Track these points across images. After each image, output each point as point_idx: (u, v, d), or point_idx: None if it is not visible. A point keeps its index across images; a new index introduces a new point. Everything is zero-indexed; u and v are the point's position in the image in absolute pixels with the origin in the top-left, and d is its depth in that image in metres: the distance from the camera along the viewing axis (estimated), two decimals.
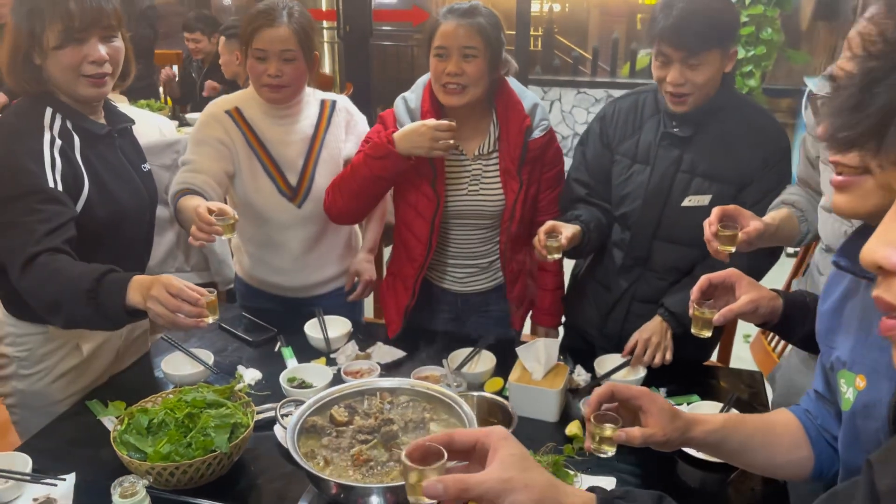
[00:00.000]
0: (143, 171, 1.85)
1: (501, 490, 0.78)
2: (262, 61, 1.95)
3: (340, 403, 1.42)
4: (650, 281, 1.96)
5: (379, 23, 6.28)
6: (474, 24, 1.84)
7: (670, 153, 1.86)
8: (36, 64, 1.61)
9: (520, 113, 1.96)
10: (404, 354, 1.94)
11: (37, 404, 1.79)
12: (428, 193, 1.97)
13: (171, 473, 1.38)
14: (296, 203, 2.08)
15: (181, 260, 3.08)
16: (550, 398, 1.67)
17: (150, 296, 1.44)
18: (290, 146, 2.07)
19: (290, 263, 2.16)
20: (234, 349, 2.02)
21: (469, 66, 1.85)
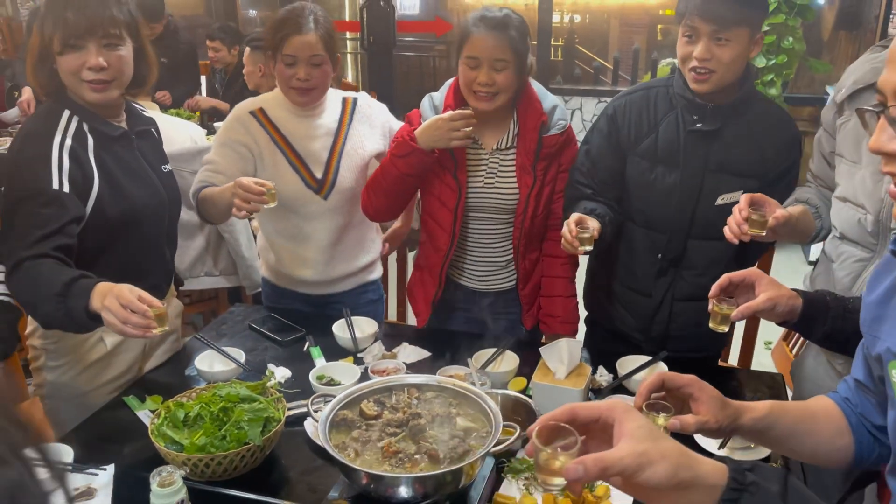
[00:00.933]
0: (164, 171, 1.92)
1: (639, 464, 0.78)
2: (292, 66, 2.03)
3: (370, 398, 1.47)
4: (688, 279, 1.99)
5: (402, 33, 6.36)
6: (505, 37, 1.89)
7: (697, 152, 1.88)
8: (52, 66, 1.70)
9: (537, 111, 2.01)
10: (429, 354, 1.98)
11: (66, 395, 1.86)
12: (451, 184, 2.04)
13: (206, 465, 1.43)
14: (322, 195, 2.15)
15: (210, 264, 3.15)
16: (573, 397, 1.70)
17: (104, 305, 1.47)
18: (314, 140, 2.15)
19: (318, 254, 2.23)
20: (263, 348, 2.07)
21: (499, 77, 1.91)
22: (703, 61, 1.77)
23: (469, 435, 1.38)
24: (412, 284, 2.27)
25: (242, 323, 2.22)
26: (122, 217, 1.75)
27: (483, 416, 1.42)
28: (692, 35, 1.78)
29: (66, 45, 1.65)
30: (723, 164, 1.87)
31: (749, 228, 1.57)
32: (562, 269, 2.11)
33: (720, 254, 1.95)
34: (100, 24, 1.67)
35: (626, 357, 1.89)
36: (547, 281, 2.13)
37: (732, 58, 1.77)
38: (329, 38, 2.04)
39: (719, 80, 1.80)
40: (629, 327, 2.08)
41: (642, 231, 2.00)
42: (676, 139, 1.90)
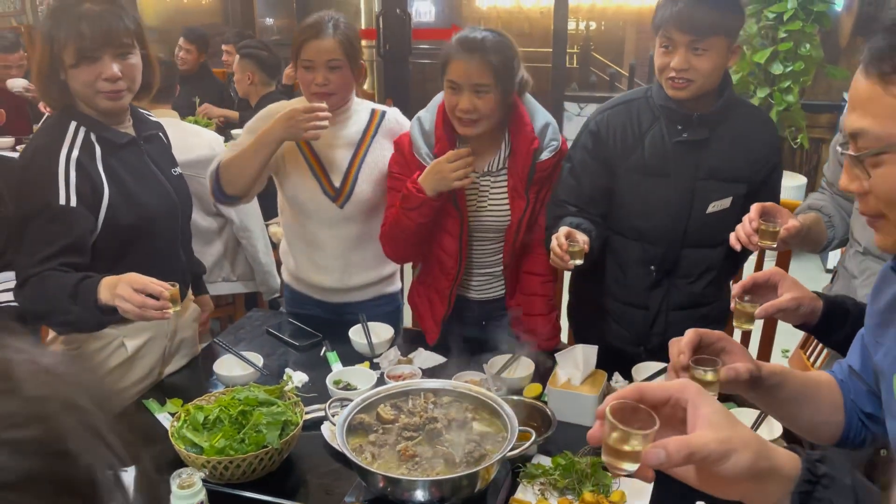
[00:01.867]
0: (174, 175, 1.95)
1: (724, 452, 0.74)
2: (310, 71, 2.05)
3: (386, 402, 1.48)
4: (682, 287, 1.99)
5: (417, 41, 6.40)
6: (484, 62, 1.86)
7: (686, 162, 1.88)
8: (61, 79, 1.72)
9: (528, 134, 1.99)
10: (445, 360, 1.99)
11: None
12: (452, 212, 2.03)
13: (225, 467, 1.45)
14: (338, 203, 2.17)
15: (228, 270, 3.18)
16: (589, 403, 1.71)
17: (117, 294, 1.54)
18: (336, 149, 2.17)
19: (333, 261, 2.24)
20: (281, 353, 2.09)
21: (481, 102, 1.88)
22: (680, 71, 1.78)
23: (485, 439, 1.39)
24: (417, 301, 2.25)
25: (260, 328, 2.25)
26: (136, 223, 1.78)
27: (499, 421, 1.43)
28: (669, 45, 1.79)
29: (82, 57, 1.67)
30: (713, 171, 1.89)
31: (760, 240, 1.57)
32: (541, 287, 2.11)
33: (713, 260, 1.97)
34: (115, 35, 1.70)
35: (642, 363, 1.89)
36: (524, 299, 2.12)
37: (710, 68, 1.78)
38: (349, 43, 2.05)
39: (697, 88, 1.81)
40: (624, 341, 2.07)
41: (635, 244, 1.99)
42: (664, 151, 1.89)
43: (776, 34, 4.78)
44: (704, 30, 1.75)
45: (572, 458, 1.50)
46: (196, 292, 2.17)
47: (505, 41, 1.92)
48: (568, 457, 1.51)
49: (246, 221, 3.05)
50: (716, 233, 1.91)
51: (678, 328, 1.97)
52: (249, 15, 7.38)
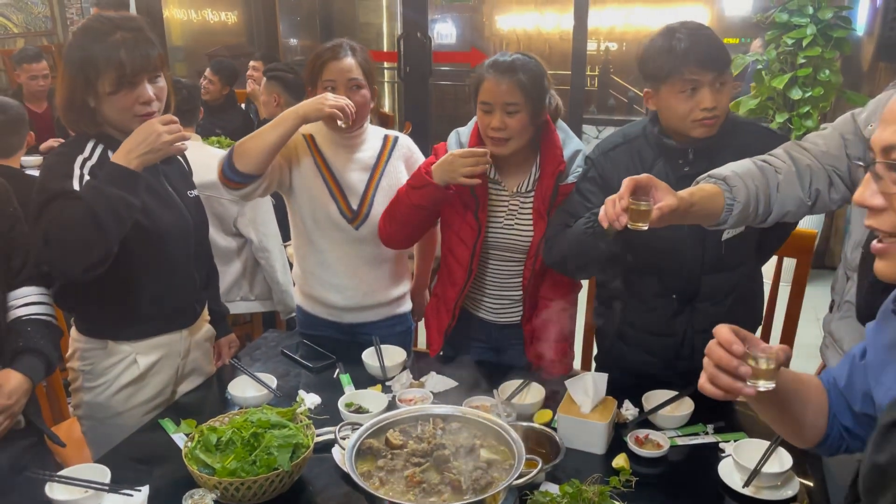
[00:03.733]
0: (190, 197, 1.99)
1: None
2: (332, 90, 2.10)
3: (395, 428, 1.50)
4: (705, 311, 1.99)
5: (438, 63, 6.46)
6: (514, 81, 1.93)
7: None
8: (91, 107, 1.76)
9: (556, 157, 2.05)
10: (456, 384, 2.00)
11: (101, 415, 1.93)
12: (471, 222, 2.08)
13: (236, 489, 1.47)
14: (354, 225, 2.22)
15: (246, 289, 3.23)
16: (598, 430, 1.71)
17: (135, 141, 1.66)
18: (353, 172, 2.22)
19: (345, 280, 2.28)
20: (295, 375, 2.12)
21: (512, 121, 1.95)
22: (712, 110, 1.78)
23: (492, 466, 1.40)
24: (428, 312, 2.32)
25: (275, 349, 2.28)
26: (147, 235, 1.81)
27: (506, 448, 1.44)
28: (693, 86, 1.78)
29: (122, 84, 1.71)
30: None
31: (630, 222, 1.51)
32: (557, 315, 2.13)
33: (735, 282, 1.98)
34: (150, 60, 1.75)
35: (652, 392, 1.89)
36: (541, 324, 2.14)
37: (728, 101, 1.81)
38: (367, 64, 2.13)
39: (719, 123, 1.83)
40: (654, 368, 2.07)
41: (652, 279, 1.99)
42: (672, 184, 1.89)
43: (795, 60, 4.78)
44: (721, 63, 1.77)
45: (580, 486, 1.50)
46: (219, 334, 2.21)
47: (533, 62, 1.99)
48: (576, 485, 1.51)
49: (265, 242, 3.10)
50: (735, 256, 1.93)
51: None
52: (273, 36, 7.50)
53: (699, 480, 1.63)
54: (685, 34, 1.79)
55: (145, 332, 1.91)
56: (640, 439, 1.74)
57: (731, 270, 1.96)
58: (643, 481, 1.60)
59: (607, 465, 1.67)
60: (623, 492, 1.56)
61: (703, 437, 1.78)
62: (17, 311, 1.69)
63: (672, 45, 1.79)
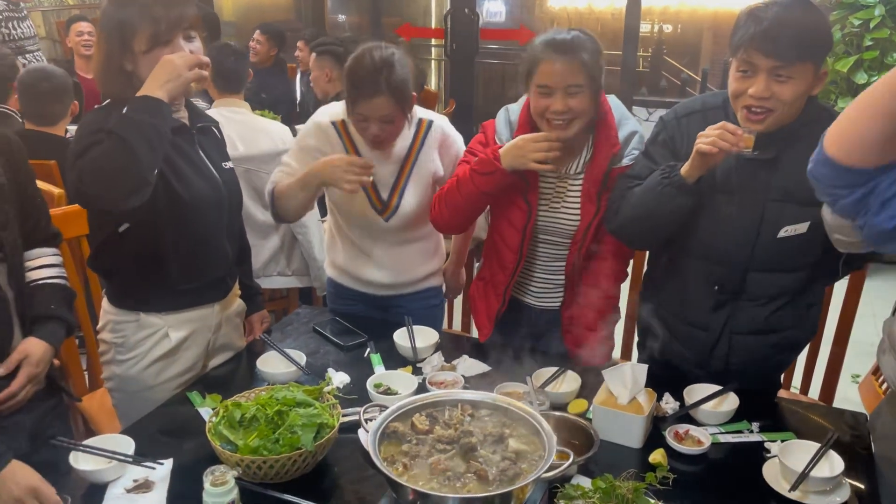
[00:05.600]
0: (224, 168, 1.95)
1: None
2: (364, 122, 2.03)
3: (422, 412, 1.45)
4: (748, 311, 1.86)
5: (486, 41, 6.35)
6: (577, 61, 1.82)
7: (755, 182, 1.75)
8: (128, 71, 1.72)
9: (611, 139, 1.95)
10: (489, 369, 1.95)
11: (132, 389, 1.92)
12: (521, 205, 2.00)
13: (258, 467, 1.44)
14: (384, 217, 2.19)
15: (283, 264, 3.22)
16: (635, 424, 1.63)
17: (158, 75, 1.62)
18: (384, 165, 2.16)
19: (376, 261, 2.28)
20: (325, 352, 2.08)
21: (574, 102, 1.85)
22: (760, 100, 1.64)
23: (521, 457, 1.34)
24: (474, 296, 2.25)
25: (307, 325, 2.25)
26: (181, 202, 1.78)
27: (537, 439, 1.37)
28: (748, 70, 1.65)
29: (156, 42, 1.69)
30: (787, 193, 1.73)
31: None
32: (600, 302, 2.03)
33: (786, 286, 1.83)
34: (185, 17, 1.72)
35: (694, 385, 1.80)
36: (581, 311, 2.06)
37: (793, 97, 1.64)
38: (401, 94, 1.99)
39: (776, 120, 1.67)
40: (688, 363, 1.97)
41: (698, 262, 1.87)
42: (733, 167, 1.77)
43: (861, 42, 4.55)
44: (790, 55, 1.60)
45: (613, 481, 1.44)
46: (251, 310, 2.18)
47: (591, 39, 1.89)
48: (609, 480, 1.44)
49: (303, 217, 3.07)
50: (790, 258, 1.79)
51: (742, 353, 1.89)
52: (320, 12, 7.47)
53: (741, 481, 1.55)
54: (771, 12, 1.62)
55: (177, 305, 1.89)
56: (679, 435, 1.65)
57: (782, 272, 1.81)
58: (681, 479, 1.52)
59: (644, 460, 1.59)
60: (659, 489, 1.49)
61: (748, 436, 1.69)
62: (31, 274, 1.68)
63: (748, 20, 1.65)
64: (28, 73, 2.99)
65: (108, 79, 1.75)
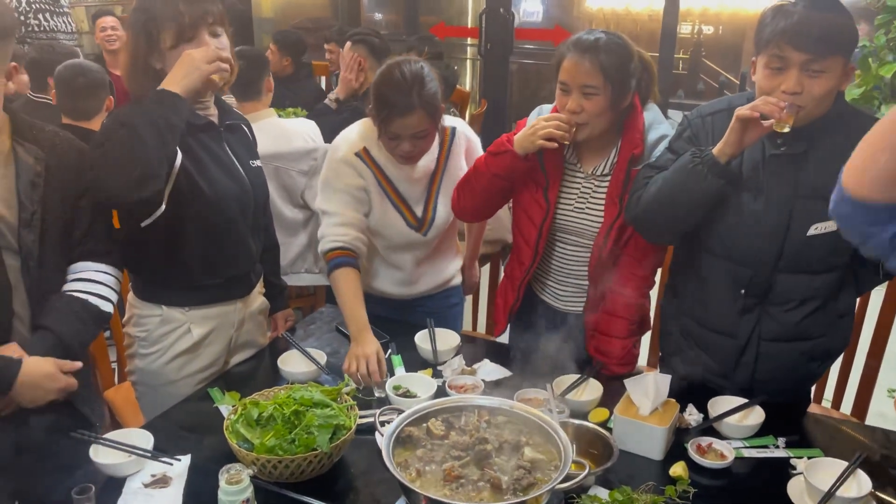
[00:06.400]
0: (252, 166, 1.96)
1: None
2: (396, 140, 2.00)
3: (438, 417, 1.44)
4: (776, 316, 1.80)
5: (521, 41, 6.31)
6: (595, 62, 1.80)
7: (783, 178, 1.71)
8: (156, 68, 1.74)
9: (634, 141, 1.91)
10: (509, 374, 1.92)
11: (154, 382, 1.94)
12: (540, 201, 1.99)
13: (273, 466, 1.44)
14: (422, 232, 2.19)
15: (310, 261, 3.23)
16: (656, 435, 1.60)
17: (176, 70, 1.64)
18: (415, 183, 2.15)
19: (403, 276, 2.28)
20: (346, 352, 2.07)
21: (588, 104, 1.83)
22: (792, 95, 1.60)
23: (536, 467, 1.32)
24: (497, 293, 2.27)
25: (330, 324, 2.25)
26: (205, 199, 1.79)
27: (553, 449, 1.35)
28: (780, 66, 1.62)
29: (182, 38, 1.70)
30: (816, 189, 1.67)
31: None
32: (625, 309, 1.99)
33: (816, 289, 1.77)
34: (209, 13, 1.73)
35: (719, 397, 1.76)
36: (606, 318, 2.02)
37: (824, 92, 1.60)
38: (433, 108, 1.97)
39: (806, 116, 1.63)
40: (711, 372, 1.91)
41: (722, 263, 1.82)
42: (760, 163, 1.74)
43: None
44: (823, 48, 1.57)
45: (631, 493, 1.41)
46: (277, 308, 2.19)
47: (621, 43, 1.84)
48: (627, 492, 1.41)
49: None
50: (820, 258, 1.74)
51: (770, 362, 1.83)
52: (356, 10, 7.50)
53: (765, 498, 1.51)
54: (800, 6, 1.61)
55: (199, 300, 1.90)
56: (702, 448, 1.62)
57: (812, 274, 1.76)
58: (702, 493, 1.49)
59: (664, 472, 1.56)
60: (678, 503, 1.45)
61: (773, 451, 1.64)
62: (66, 286, 1.66)
63: (777, 15, 1.63)
64: (65, 67, 3.04)
65: (136, 77, 1.77)
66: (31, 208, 1.55)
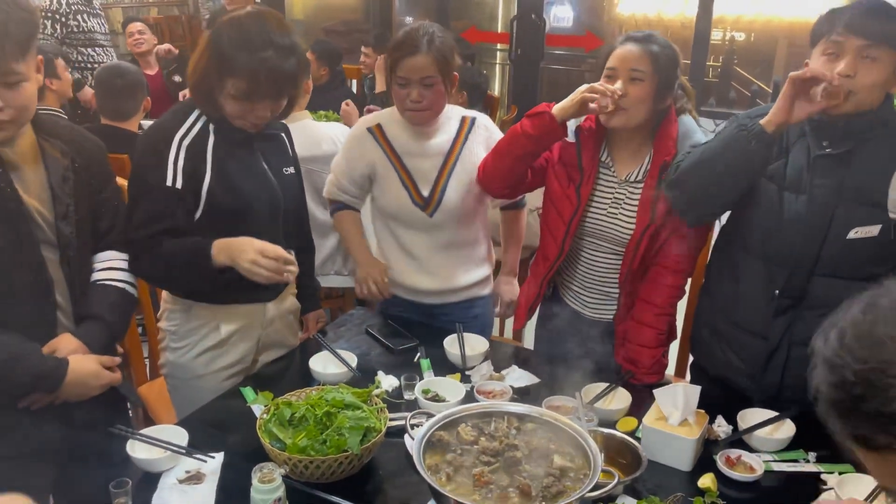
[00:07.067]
0: (285, 174, 1.99)
1: None
2: (405, 87, 2.07)
3: (468, 422, 1.45)
4: (810, 321, 1.76)
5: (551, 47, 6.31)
6: (647, 50, 1.88)
7: (828, 179, 1.71)
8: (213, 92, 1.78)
9: (667, 149, 1.93)
10: (538, 380, 1.93)
11: (183, 375, 1.99)
12: (571, 196, 2.01)
13: (305, 466, 1.46)
14: (427, 212, 2.20)
15: (339, 263, 3.26)
16: (685, 446, 1.60)
17: (248, 260, 1.71)
18: (425, 159, 2.19)
19: (422, 264, 2.29)
20: (376, 354, 2.10)
21: (633, 88, 1.86)
22: (845, 78, 1.63)
23: (565, 475, 1.33)
24: (522, 288, 2.29)
25: (360, 326, 2.27)
26: (234, 210, 1.83)
27: (582, 457, 1.36)
28: (836, 52, 1.66)
29: (244, 96, 1.74)
30: (859, 192, 1.68)
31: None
32: (655, 318, 1.99)
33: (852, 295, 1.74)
34: (281, 88, 1.77)
35: (749, 409, 1.75)
36: (635, 327, 2.02)
37: (875, 80, 1.64)
38: (443, 58, 2.05)
39: (857, 103, 1.65)
40: (737, 373, 1.91)
41: (759, 263, 1.81)
42: (805, 165, 1.74)
43: None
44: (878, 35, 1.62)
45: (659, 503, 1.41)
46: (308, 309, 2.22)
47: (671, 45, 1.94)
48: (655, 502, 1.42)
49: None
50: (858, 264, 1.72)
51: (801, 367, 1.80)
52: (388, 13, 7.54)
53: None
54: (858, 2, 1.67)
55: (227, 299, 1.93)
56: (731, 460, 1.61)
57: (850, 280, 1.73)
58: None
59: (692, 484, 1.56)
60: None
61: (803, 465, 1.64)
62: (96, 275, 1.71)
63: (835, 10, 1.68)
64: (104, 69, 3.12)
65: (198, 90, 1.81)
66: (65, 201, 1.60)
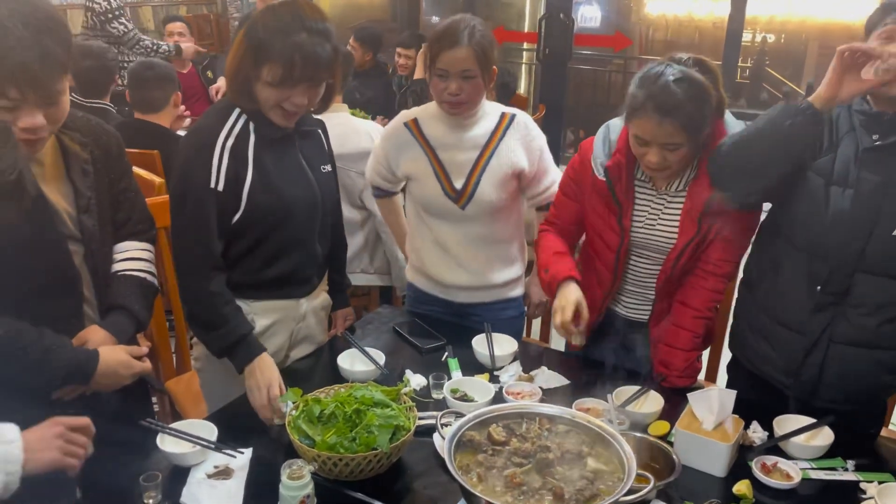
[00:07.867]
0: (323, 171, 1.98)
1: None
2: (444, 79, 2.06)
3: (499, 422, 1.43)
4: (852, 319, 1.73)
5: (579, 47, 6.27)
6: (676, 123, 1.70)
7: (875, 174, 1.66)
8: (250, 84, 1.77)
9: None
10: (568, 382, 1.91)
11: (215, 368, 1.97)
12: (615, 227, 1.96)
13: (334, 464, 1.46)
14: (459, 205, 2.20)
15: (366, 262, 3.26)
16: (720, 451, 1.57)
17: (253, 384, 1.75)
18: (460, 152, 2.18)
19: (455, 259, 2.28)
20: (404, 353, 2.09)
21: (672, 156, 1.77)
22: None
23: (599, 478, 1.31)
24: None
25: (387, 325, 2.26)
26: (274, 209, 1.83)
27: (616, 460, 1.34)
28: (890, 37, 1.61)
29: (283, 83, 1.72)
30: None
31: None
32: (691, 321, 1.94)
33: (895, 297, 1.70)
34: (319, 71, 1.75)
35: (785, 416, 1.71)
36: (672, 330, 1.97)
37: None
38: (483, 52, 2.03)
39: None
40: (774, 368, 1.86)
41: (801, 257, 1.77)
42: (853, 158, 1.69)
43: None
44: None
45: None
46: (337, 306, 2.21)
47: (700, 84, 1.72)
48: None
49: None
50: None
51: (839, 366, 1.77)
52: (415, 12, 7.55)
53: None
54: None
55: (262, 296, 1.93)
56: (767, 466, 1.58)
57: (894, 279, 1.69)
58: None
59: (727, 490, 1.53)
60: None
61: (842, 474, 1.60)
62: (117, 266, 1.71)
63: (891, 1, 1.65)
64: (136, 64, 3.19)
65: (234, 84, 1.80)
66: (87, 194, 1.60)
